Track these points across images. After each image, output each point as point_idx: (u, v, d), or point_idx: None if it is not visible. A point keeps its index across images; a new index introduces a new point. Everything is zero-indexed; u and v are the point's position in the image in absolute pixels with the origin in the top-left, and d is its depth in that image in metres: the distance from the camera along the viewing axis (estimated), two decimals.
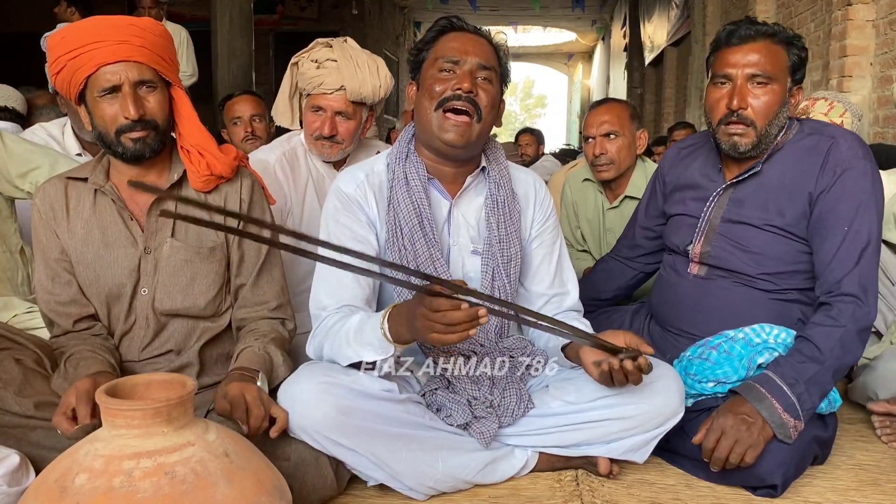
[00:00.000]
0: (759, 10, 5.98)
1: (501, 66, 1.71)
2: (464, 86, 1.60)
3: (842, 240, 1.70)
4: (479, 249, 1.71)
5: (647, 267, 2.19)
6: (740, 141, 1.77)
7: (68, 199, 1.66)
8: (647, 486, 1.70)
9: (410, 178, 1.68)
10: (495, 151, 1.78)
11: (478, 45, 1.65)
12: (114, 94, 1.57)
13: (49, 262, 1.66)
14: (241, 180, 1.73)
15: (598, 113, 2.66)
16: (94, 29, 1.56)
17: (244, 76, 6.17)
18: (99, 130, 1.60)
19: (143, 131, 1.58)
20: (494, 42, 1.70)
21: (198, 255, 1.67)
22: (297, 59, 2.24)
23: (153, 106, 1.60)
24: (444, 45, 1.66)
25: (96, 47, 1.54)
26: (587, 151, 2.67)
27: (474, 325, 1.32)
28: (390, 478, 1.56)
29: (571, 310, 1.84)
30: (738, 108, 1.74)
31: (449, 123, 1.62)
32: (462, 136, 1.62)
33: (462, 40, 1.65)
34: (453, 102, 1.61)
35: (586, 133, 2.67)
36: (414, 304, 1.39)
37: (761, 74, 1.73)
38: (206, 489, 1.04)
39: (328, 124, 2.19)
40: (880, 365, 2.04)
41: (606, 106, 2.70)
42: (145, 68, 1.58)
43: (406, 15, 15.50)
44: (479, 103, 1.62)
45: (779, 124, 1.78)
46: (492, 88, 1.65)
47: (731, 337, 1.77)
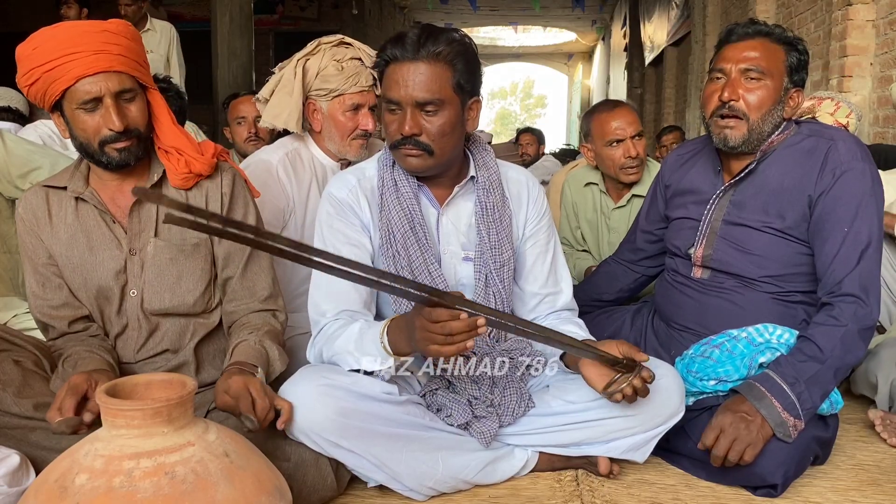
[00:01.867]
0: (759, 10, 5.99)
1: (457, 77, 1.57)
2: (404, 130, 1.57)
3: (842, 241, 1.70)
4: (471, 256, 1.71)
5: (650, 270, 2.19)
6: (731, 134, 1.77)
7: (50, 207, 1.65)
8: (647, 485, 1.70)
9: (400, 184, 1.67)
10: (484, 155, 1.75)
11: (417, 78, 1.54)
12: (94, 105, 1.54)
13: (38, 268, 1.66)
14: (221, 175, 1.72)
15: (622, 115, 2.58)
16: (68, 39, 1.51)
17: (244, 76, 6.18)
18: (80, 141, 1.58)
19: (127, 141, 1.57)
20: (446, 59, 1.56)
21: (182, 252, 1.66)
22: (305, 60, 2.21)
23: (135, 115, 1.58)
24: (387, 82, 1.59)
25: (73, 59, 1.50)
26: (614, 155, 2.58)
27: (472, 335, 1.32)
28: (390, 479, 1.56)
29: (565, 308, 1.84)
30: (728, 100, 1.75)
31: (404, 156, 1.61)
32: (420, 167, 1.62)
33: (401, 75, 1.55)
34: (401, 146, 1.60)
35: (612, 137, 2.56)
36: (412, 317, 1.39)
37: (754, 69, 1.75)
38: (206, 489, 1.04)
39: (373, 120, 2.20)
40: (882, 351, 2.05)
41: (626, 108, 2.65)
42: (125, 77, 1.56)
43: (406, 15, 15.51)
44: (424, 142, 1.58)
45: (772, 122, 1.78)
46: (439, 118, 1.57)
47: (734, 336, 1.77)
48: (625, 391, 1.50)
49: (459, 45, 1.58)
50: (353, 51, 2.20)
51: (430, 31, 1.57)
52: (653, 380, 1.51)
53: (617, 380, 1.52)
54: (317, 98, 2.19)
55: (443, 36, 1.56)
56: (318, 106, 2.20)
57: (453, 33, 1.60)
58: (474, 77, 1.62)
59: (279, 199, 2.15)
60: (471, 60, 1.60)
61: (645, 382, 1.50)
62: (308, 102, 2.21)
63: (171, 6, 11.32)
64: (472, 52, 1.61)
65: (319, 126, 2.23)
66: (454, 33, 1.61)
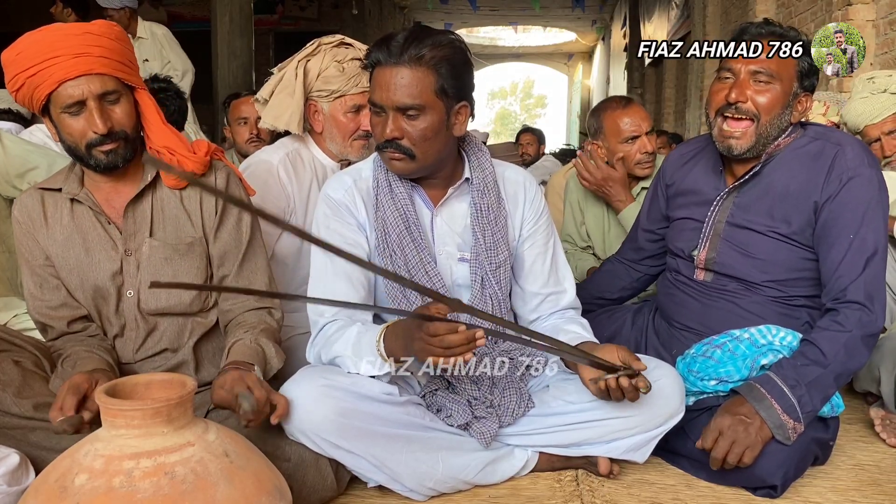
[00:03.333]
0: (760, 10, 5.99)
1: (441, 82, 1.55)
2: (385, 134, 1.57)
3: (847, 248, 1.68)
4: (467, 257, 1.71)
5: (652, 269, 2.18)
6: (735, 144, 1.76)
7: (45, 208, 1.65)
8: (647, 486, 1.70)
9: (394, 185, 1.67)
10: (480, 157, 1.75)
11: (399, 82, 1.53)
12: (78, 108, 1.54)
13: (35, 270, 1.66)
14: (215, 174, 1.72)
15: (636, 112, 2.58)
16: (49, 43, 1.50)
17: (244, 76, 6.18)
18: (68, 144, 1.58)
19: (113, 143, 1.56)
20: (429, 63, 1.54)
21: (176, 252, 1.66)
22: (306, 61, 2.20)
23: (120, 117, 1.58)
24: (372, 85, 1.59)
25: (54, 63, 1.49)
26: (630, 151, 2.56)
27: (472, 347, 1.33)
28: (390, 479, 1.56)
29: (569, 307, 1.83)
30: (736, 101, 1.73)
31: (388, 159, 1.62)
32: (403, 170, 1.62)
33: (385, 78, 1.55)
34: (385, 150, 1.60)
35: (628, 134, 2.55)
36: (410, 326, 1.40)
37: (764, 72, 1.73)
38: (206, 489, 1.05)
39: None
40: (886, 342, 2.03)
41: (638, 105, 2.65)
42: (108, 79, 1.55)
43: (406, 15, 15.51)
44: (405, 146, 1.58)
45: (779, 126, 1.76)
46: (421, 123, 1.56)
47: (736, 336, 1.76)
48: (609, 383, 1.49)
49: (445, 49, 1.56)
50: (353, 51, 2.20)
51: (416, 35, 1.55)
52: (648, 390, 1.49)
53: (608, 378, 1.51)
54: (318, 99, 2.19)
55: (428, 40, 1.54)
56: (319, 107, 2.20)
57: (442, 37, 1.58)
58: (461, 82, 1.59)
59: (280, 199, 2.15)
60: (457, 65, 1.58)
61: (634, 386, 1.48)
62: (309, 104, 2.20)
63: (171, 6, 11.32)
64: (459, 57, 1.58)
65: (321, 127, 2.23)
66: (443, 37, 1.58)
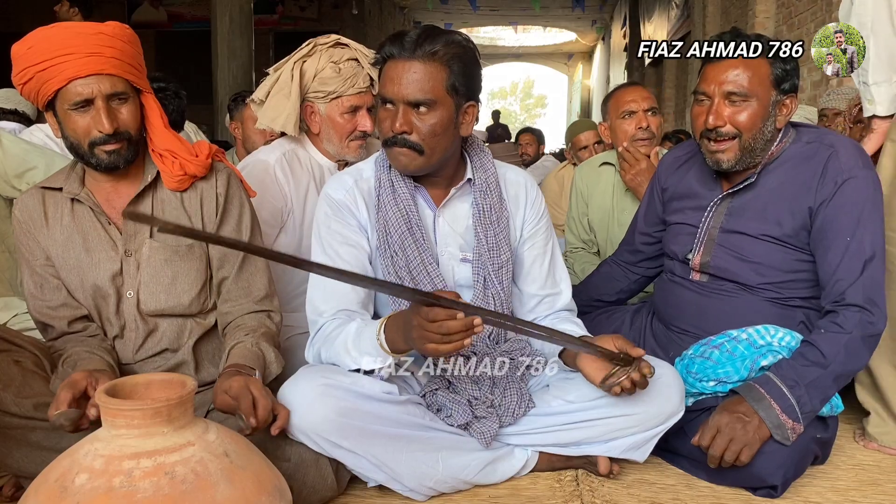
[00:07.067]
0: (759, 10, 5.99)
1: (452, 79, 1.57)
2: (395, 128, 1.58)
3: (844, 251, 1.68)
4: (469, 257, 1.71)
5: (649, 271, 2.19)
6: (722, 158, 1.77)
7: (46, 208, 1.66)
8: (647, 485, 1.70)
9: (397, 185, 1.67)
10: (482, 158, 1.75)
11: (411, 77, 1.55)
12: (86, 106, 1.54)
13: (35, 269, 1.66)
14: (216, 175, 1.72)
15: (637, 90, 2.65)
16: (63, 40, 1.51)
17: (244, 76, 6.19)
18: (71, 141, 1.58)
19: (117, 143, 1.57)
20: (442, 60, 1.56)
21: (176, 253, 1.67)
22: (302, 62, 2.20)
23: (126, 118, 1.58)
24: (383, 79, 1.59)
25: (66, 60, 1.50)
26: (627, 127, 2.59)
27: (469, 334, 1.33)
28: (390, 479, 1.56)
29: (564, 309, 1.83)
30: (714, 127, 1.74)
31: (396, 155, 1.62)
32: (410, 166, 1.62)
33: (397, 72, 1.56)
34: (393, 145, 1.61)
35: (626, 108, 2.60)
36: (409, 315, 1.40)
37: (737, 92, 1.72)
38: (206, 489, 1.05)
39: (371, 121, 2.19)
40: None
41: (641, 86, 2.73)
42: (118, 80, 1.56)
43: (406, 15, 15.52)
44: (414, 140, 1.58)
45: (764, 138, 1.76)
46: (431, 118, 1.57)
47: (734, 337, 1.76)
48: (623, 384, 1.50)
49: (458, 48, 1.58)
50: (349, 51, 2.19)
51: (430, 32, 1.57)
52: (652, 374, 1.51)
53: (615, 373, 1.52)
54: (315, 100, 2.19)
55: (441, 37, 1.57)
56: (315, 108, 2.20)
57: (455, 36, 1.60)
58: (470, 81, 1.61)
59: (277, 199, 2.15)
60: (468, 64, 1.60)
61: (644, 377, 1.50)
62: (305, 105, 2.20)
63: (171, 6, 11.33)
64: (470, 56, 1.61)
65: (318, 128, 2.23)
66: (455, 36, 1.61)
